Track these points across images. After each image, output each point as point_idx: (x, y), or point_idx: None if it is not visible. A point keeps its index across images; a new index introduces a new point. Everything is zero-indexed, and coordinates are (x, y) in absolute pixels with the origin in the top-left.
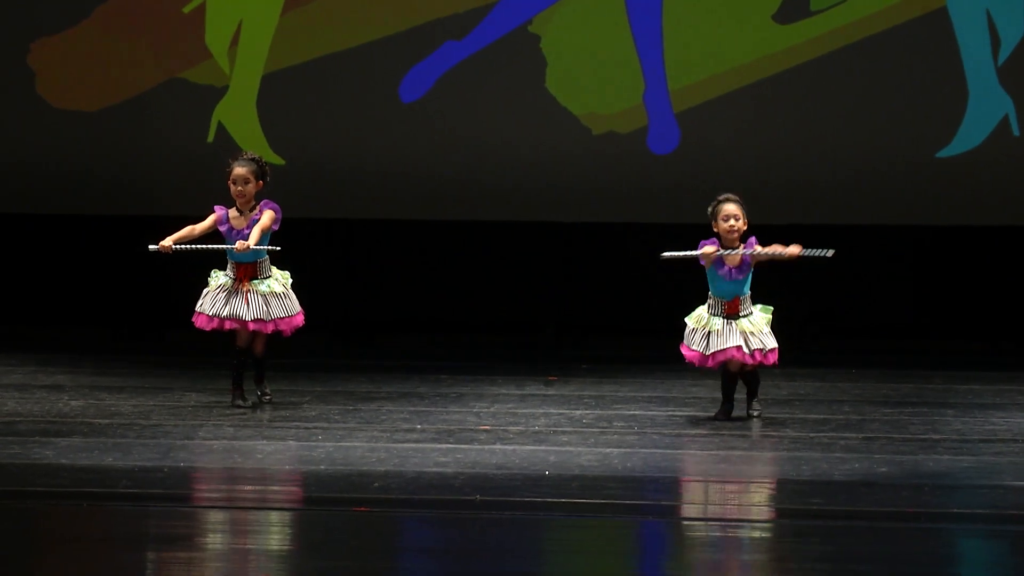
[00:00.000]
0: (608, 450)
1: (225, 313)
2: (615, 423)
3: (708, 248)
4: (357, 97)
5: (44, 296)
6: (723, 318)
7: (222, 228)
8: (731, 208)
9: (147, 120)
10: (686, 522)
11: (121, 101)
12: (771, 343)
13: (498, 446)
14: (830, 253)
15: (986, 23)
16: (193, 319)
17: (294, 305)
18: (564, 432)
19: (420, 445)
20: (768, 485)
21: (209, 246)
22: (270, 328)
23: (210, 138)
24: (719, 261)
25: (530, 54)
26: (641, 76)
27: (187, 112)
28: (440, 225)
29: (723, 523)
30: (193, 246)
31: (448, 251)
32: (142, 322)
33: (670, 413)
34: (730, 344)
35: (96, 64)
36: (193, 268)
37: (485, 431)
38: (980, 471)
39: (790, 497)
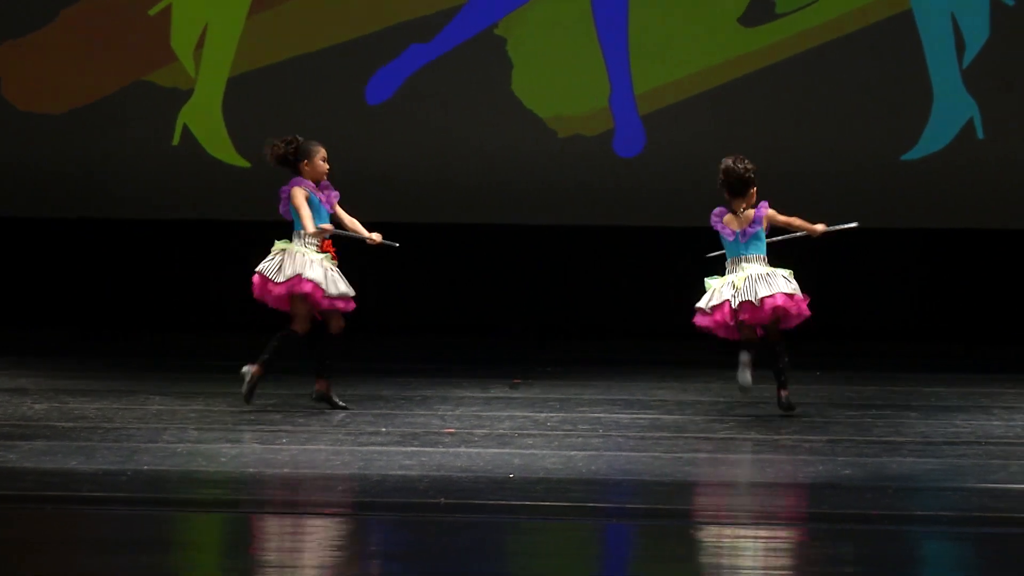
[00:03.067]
0: (573, 453)
1: (335, 292)
2: (580, 426)
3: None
4: (323, 99)
5: (7, 298)
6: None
7: (317, 196)
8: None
9: (113, 122)
10: (650, 525)
11: (87, 103)
12: (784, 287)
13: (463, 449)
14: (854, 225)
15: (951, 26)
16: (304, 288)
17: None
18: (529, 435)
19: (385, 448)
20: (733, 488)
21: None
22: (352, 306)
23: (176, 140)
24: (721, 223)
25: (496, 57)
26: (607, 79)
27: (153, 114)
28: (405, 227)
29: (687, 526)
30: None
31: (413, 253)
32: (106, 325)
33: (634, 416)
34: (724, 298)
35: (62, 67)
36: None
37: (450, 434)
38: (944, 473)
39: (755, 500)
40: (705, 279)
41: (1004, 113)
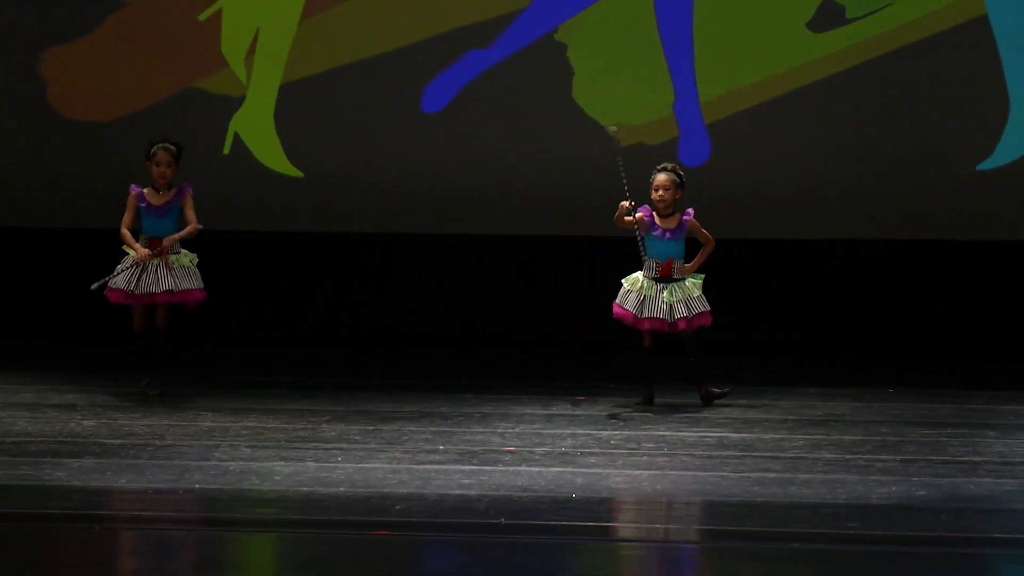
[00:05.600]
0: (637, 472)
1: (135, 290)
2: (644, 444)
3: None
4: (378, 107)
5: (56, 313)
6: (656, 281)
7: (142, 205)
8: (660, 178)
9: (162, 130)
10: (717, 546)
11: (135, 111)
12: (698, 308)
13: (523, 468)
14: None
15: None
16: (108, 295)
17: (199, 281)
18: (591, 453)
19: (443, 467)
20: (803, 509)
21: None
22: (177, 299)
23: (226, 149)
24: (653, 224)
25: (556, 63)
26: (671, 86)
27: (203, 123)
28: (463, 239)
29: (755, 547)
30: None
31: (471, 266)
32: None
33: (701, 434)
34: (656, 314)
35: (109, 73)
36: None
37: (510, 452)
38: (1023, 494)
39: (826, 521)
40: (624, 280)
41: None
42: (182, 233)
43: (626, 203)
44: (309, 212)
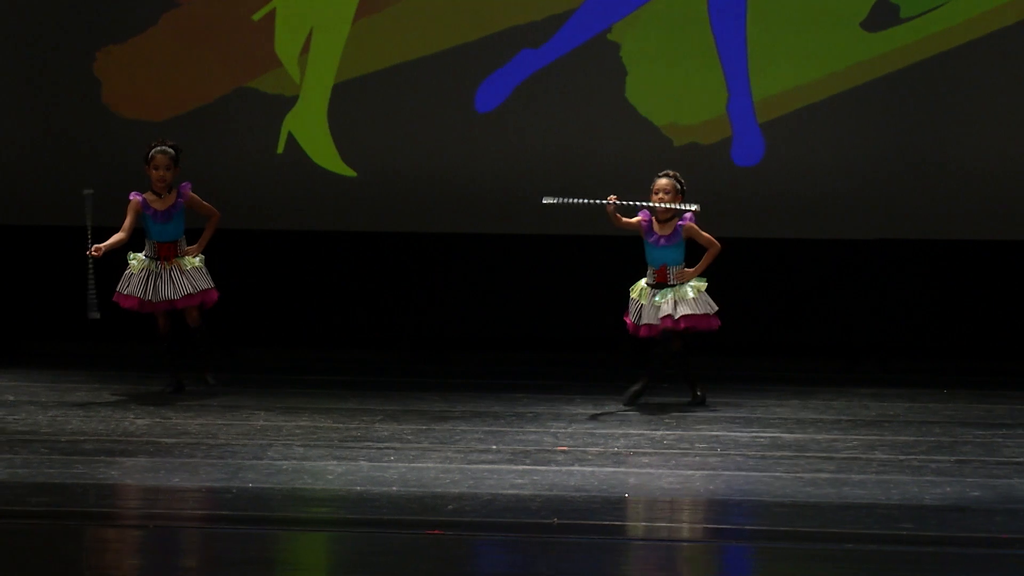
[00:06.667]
0: (690, 472)
1: (152, 297)
2: (697, 444)
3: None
4: (431, 107)
5: (111, 312)
6: (652, 287)
7: (147, 212)
8: (661, 183)
9: (215, 130)
10: (770, 546)
11: (188, 111)
12: (689, 310)
13: (576, 467)
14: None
15: None
16: (119, 302)
17: (210, 281)
18: (644, 453)
19: (495, 466)
20: (856, 509)
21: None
22: (197, 300)
23: (280, 149)
24: (650, 230)
25: (609, 63)
26: (724, 85)
27: (256, 122)
28: (516, 239)
29: (808, 548)
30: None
31: (524, 265)
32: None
33: (754, 434)
34: (648, 320)
35: (163, 73)
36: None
37: (563, 452)
38: None
39: (879, 522)
40: (631, 288)
41: None
42: (208, 233)
43: (613, 197)
44: (362, 212)
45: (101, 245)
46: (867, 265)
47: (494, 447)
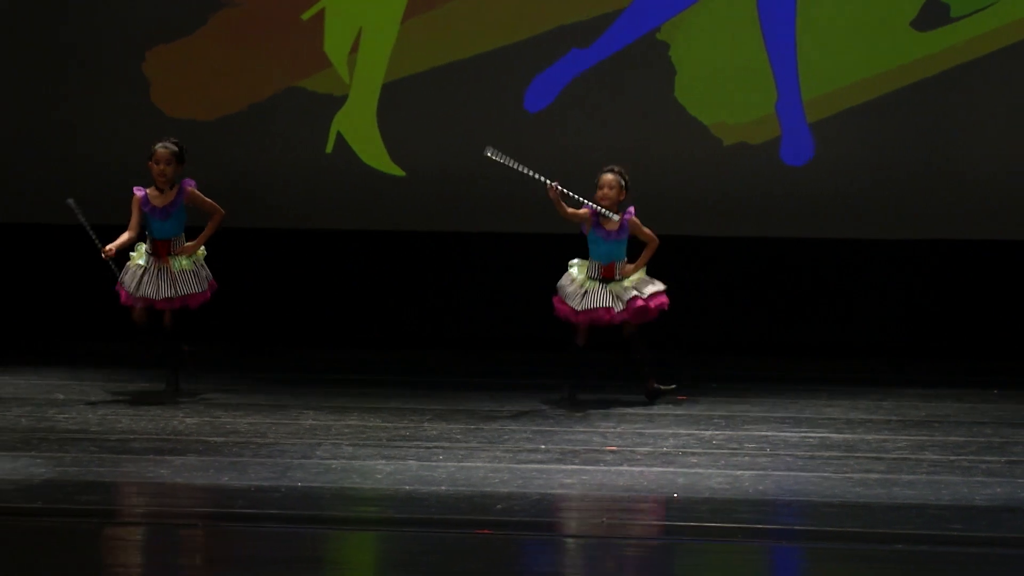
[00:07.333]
0: (739, 472)
1: (134, 291)
2: (746, 444)
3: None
4: (480, 106)
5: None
6: (599, 281)
7: (146, 209)
8: (607, 178)
9: (264, 130)
10: (819, 547)
11: (238, 110)
12: (650, 289)
13: (625, 467)
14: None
15: None
16: (118, 290)
17: (202, 283)
18: (693, 453)
19: (544, 466)
20: (906, 510)
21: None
22: (178, 304)
23: (329, 148)
24: (598, 224)
25: (658, 62)
26: (774, 85)
27: (305, 122)
28: (564, 238)
29: (857, 548)
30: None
31: None
32: (258, 338)
33: (803, 434)
34: (599, 304)
35: (212, 73)
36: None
37: (611, 452)
38: None
39: (929, 522)
40: (564, 277)
41: None
42: (208, 232)
43: (557, 183)
44: (411, 211)
45: (111, 246)
46: (917, 264)
47: (543, 446)
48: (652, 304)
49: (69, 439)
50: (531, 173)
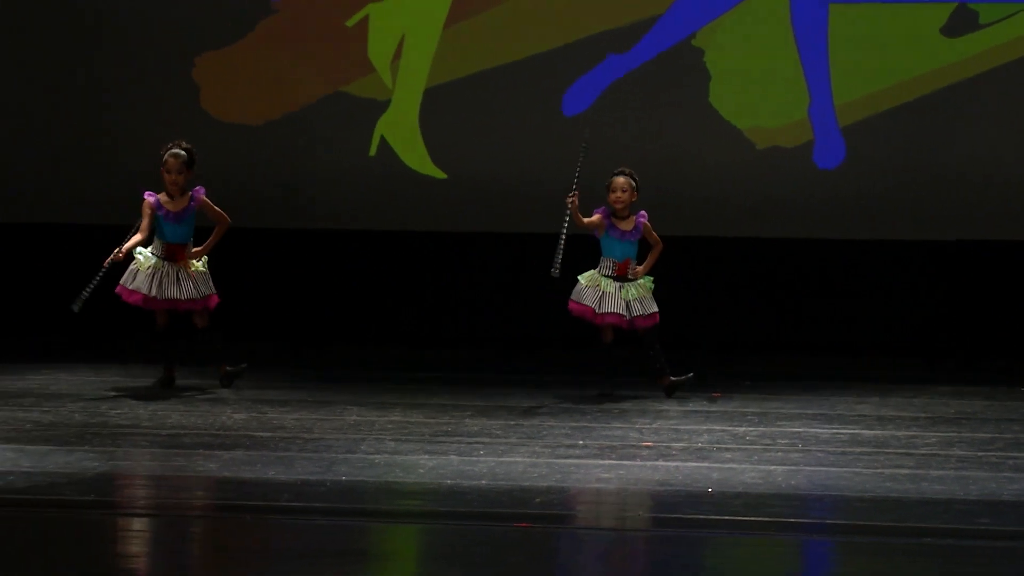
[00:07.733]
0: (772, 467)
1: (157, 295)
2: (779, 440)
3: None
4: (519, 110)
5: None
6: (613, 279)
7: (159, 213)
8: (619, 181)
9: (310, 134)
10: (851, 540)
11: (284, 115)
12: (651, 308)
13: (660, 462)
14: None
15: None
16: (122, 294)
17: (212, 287)
18: (727, 449)
19: (582, 461)
20: (935, 505)
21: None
22: (200, 305)
23: (372, 152)
24: (612, 225)
25: (693, 68)
26: (806, 89)
27: (349, 126)
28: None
29: (887, 542)
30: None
31: None
32: (306, 337)
33: (835, 430)
34: (616, 310)
35: (259, 78)
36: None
37: (648, 447)
38: None
39: (957, 517)
40: (580, 277)
41: None
42: (214, 240)
43: (573, 197)
44: (452, 213)
45: (123, 247)
46: (947, 265)
47: (581, 442)
48: (648, 323)
49: (121, 434)
50: (577, 174)
